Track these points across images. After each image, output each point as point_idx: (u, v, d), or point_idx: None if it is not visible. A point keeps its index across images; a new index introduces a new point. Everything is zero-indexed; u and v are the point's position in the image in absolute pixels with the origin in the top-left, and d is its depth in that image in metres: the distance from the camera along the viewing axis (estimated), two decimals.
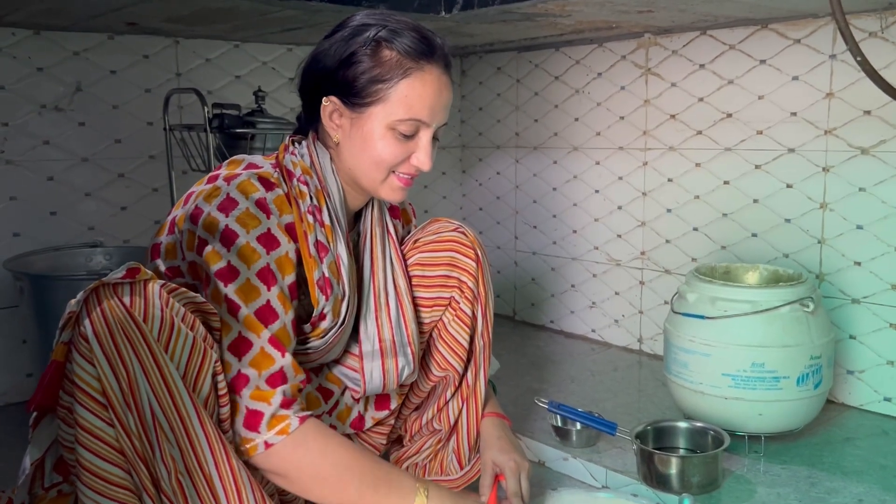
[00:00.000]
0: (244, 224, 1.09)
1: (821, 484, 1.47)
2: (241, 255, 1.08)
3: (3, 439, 1.75)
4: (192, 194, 1.15)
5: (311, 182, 1.20)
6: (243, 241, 1.08)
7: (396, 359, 1.28)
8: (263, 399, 1.08)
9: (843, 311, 1.84)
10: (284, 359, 1.10)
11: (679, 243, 2.17)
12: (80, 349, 0.93)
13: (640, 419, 1.73)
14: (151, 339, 0.94)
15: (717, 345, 1.56)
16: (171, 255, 1.14)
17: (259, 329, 1.09)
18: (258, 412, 1.08)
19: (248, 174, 1.14)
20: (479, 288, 1.36)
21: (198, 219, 1.09)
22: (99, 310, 0.93)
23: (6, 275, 1.80)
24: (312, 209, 1.18)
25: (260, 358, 1.08)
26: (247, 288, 1.08)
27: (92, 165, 2.04)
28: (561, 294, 2.54)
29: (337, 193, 1.22)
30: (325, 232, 1.19)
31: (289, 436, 1.09)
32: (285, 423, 1.09)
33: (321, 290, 1.17)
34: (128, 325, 0.93)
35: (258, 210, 1.11)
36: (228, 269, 1.08)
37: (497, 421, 1.40)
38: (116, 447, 0.94)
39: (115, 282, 0.96)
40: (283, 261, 1.12)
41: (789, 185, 1.91)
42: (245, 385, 1.07)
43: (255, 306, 1.09)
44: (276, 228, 1.12)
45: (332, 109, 1.19)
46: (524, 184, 2.61)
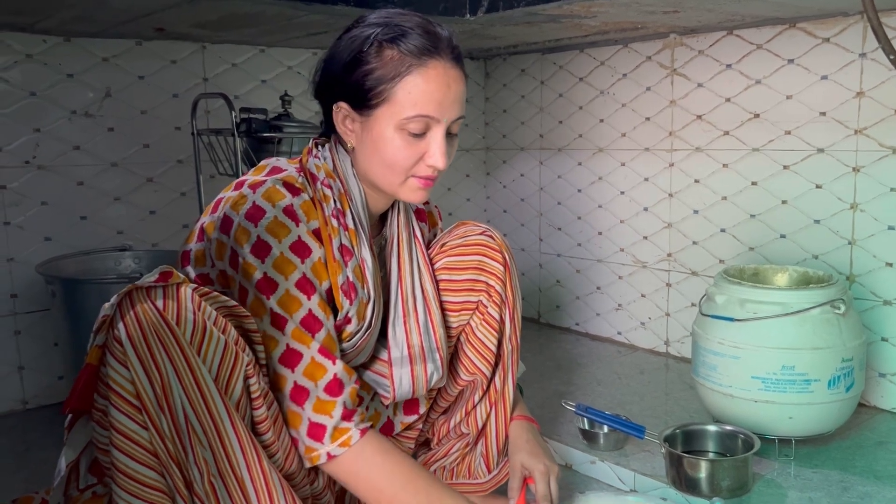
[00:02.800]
0: (275, 234, 1.09)
1: (853, 488, 1.45)
2: (276, 267, 1.09)
3: (36, 441, 1.77)
4: (220, 201, 1.15)
5: (335, 185, 1.20)
6: (277, 252, 1.09)
7: (425, 364, 1.28)
8: (325, 412, 1.10)
9: (875, 313, 1.81)
10: (336, 366, 1.12)
11: (706, 245, 2.16)
12: (114, 352, 0.94)
13: (667, 422, 1.71)
14: (184, 342, 0.95)
15: (746, 347, 1.55)
16: (201, 262, 1.15)
17: (308, 340, 1.10)
18: (321, 425, 1.10)
19: (273, 181, 1.14)
20: (507, 291, 1.35)
21: (228, 229, 1.10)
22: (132, 313, 0.94)
23: (38, 279, 1.83)
24: (336, 213, 1.18)
25: (312, 369, 1.10)
26: (287, 300, 1.09)
27: (121, 170, 2.06)
28: (586, 296, 2.53)
29: (359, 197, 1.22)
30: (349, 236, 1.19)
31: (350, 448, 1.11)
32: (347, 436, 1.12)
33: (345, 294, 1.18)
34: (161, 328, 0.94)
35: (286, 218, 1.11)
36: (266, 281, 1.09)
37: (526, 424, 1.40)
38: (150, 449, 0.95)
39: (148, 285, 0.97)
40: (317, 267, 1.14)
41: (818, 186, 1.89)
42: (306, 398, 1.10)
43: (299, 317, 1.10)
44: (306, 235, 1.13)
45: (343, 115, 1.19)
46: (549, 185, 2.60)
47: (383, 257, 1.31)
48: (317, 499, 1.24)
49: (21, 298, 1.94)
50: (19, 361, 1.95)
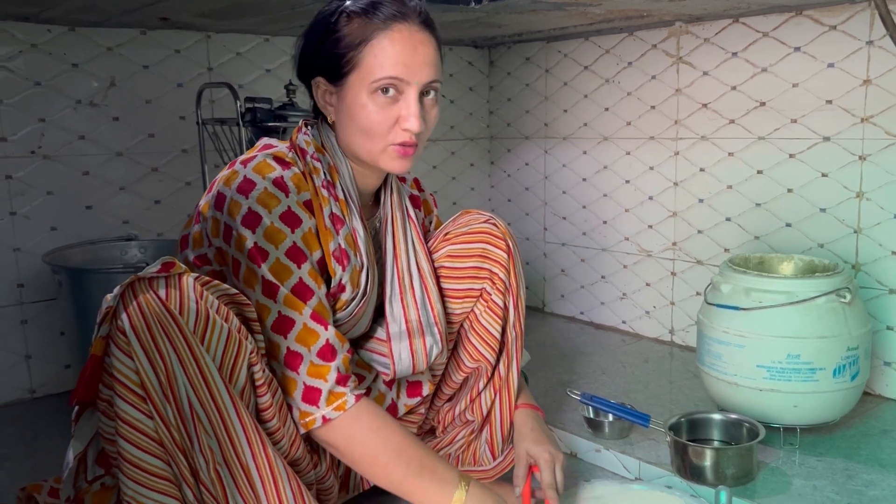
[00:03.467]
0: (265, 204, 1.11)
1: (858, 476, 1.45)
2: (267, 236, 1.10)
3: (44, 429, 1.78)
4: (215, 181, 1.18)
5: (323, 160, 1.22)
6: (267, 221, 1.10)
7: (424, 338, 1.29)
8: (320, 376, 1.11)
9: (881, 302, 1.81)
10: (328, 332, 1.13)
11: (711, 233, 2.15)
12: (119, 343, 0.95)
13: (672, 411, 1.72)
14: (188, 331, 0.95)
15: (751, 336, 1.55)
16: (199, 243, 1.17)
17: (300, 307, 1.11)
18: (316, 388, 1.11)
19: (263, 155, 1.17)
20: (511, 279, 1.35)
21: (221, 204, 1.12)
22: (135, 304, 0.95)
23: (44, 268, 1.83)
24: (326, 184, 1.20)
25: (305, 334, 1.11)
26: (278, 268, 1.11)
27: (126, 160, 2.06)
28: (591, 285, 2.53)
29: (347, 172, 1.24)
30: (339, 205, 1.21)
31: (345, 412, 1.12)
32: (342, 400, 1.13)
33: (337, 260, 1.19)
34: (164, 318, 0.94)
35: (276, 189, 1.13)
36: (257, 250, 1.10)
37: (531, 412, 1.40)
38: (156, 439, 0.96)
39: (151, 276, 0.97)
40: (308, 237, 1.15)
41: (824, 174, 1.88)
42: (301, 362, 1.11)
43: (290, 284, 1.11)
44: (297, 206, 1.14)
45: (322, 90, 1.21)
46: (553, 174, 2.59)
47: (379, 238, 1.32)
48: (321, 483, 1.25)
49: (28, 288, 1.95)
50: (26, 350, 1.96)
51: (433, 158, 2.66)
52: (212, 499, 0.98)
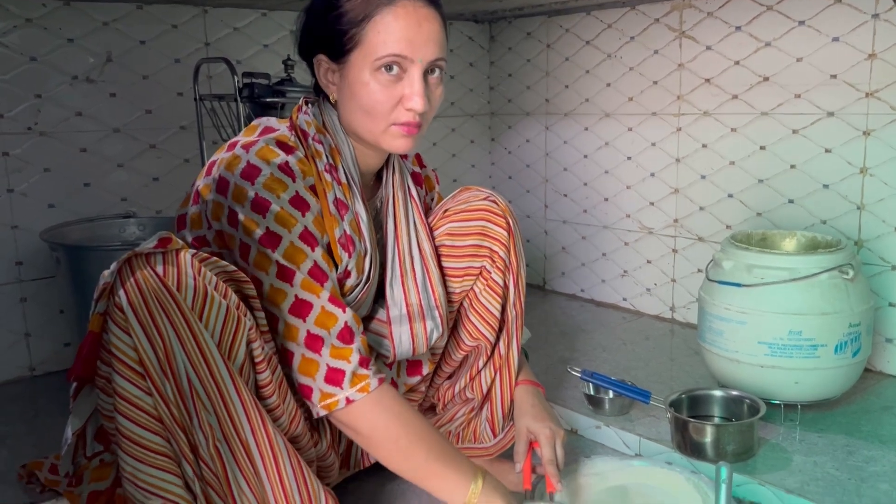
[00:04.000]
0: (272, 190, 1.09)
1: (858, 452, 1.45)
2: (279, 221, 1.09)
3: (44, 406, 1.78)
4: (213, 163, 1.15)
5: (325, 141, 1.20)
6: (277, 207, 1.09)
7: (424, 322, 1.28)
8: (343, 357, 1.10)
9: (883, 278, 1.80)
10: (346, 314, 1.12)
11: (713, 210, 2.14)
12: (116, 319, 0.94)
13: (672, 388, 1.71)
14: (186, 307, 0.94)
15: (753, 313, 1.54)
16: (197, 225, 1.15)
17: (317, 290, 1.10)
18: (340, 370, 1.10)
19: (266, 140, 1.14)
20: (511, 257, 1.34)
21: (225, 189, 1.10)
22: (133, 280, 0.94)
23: (42, 246, 1.82)
24: (329, 167, 1.18)
25: (324, 317, 1.10)
26: (293, 252, 1.09)
27: (123, 136, 2.05)
28: (592, 263, 2.52)
29: (349, 152, 1.22)
30: (342, 190, 1.19)
31: (369, 394, 1.11)
32: (365, 382, 1.11)
33: (343, 247, 1.18)
34: (162, 294, 0.94)
35: (283, 174, 1.11)
36: (269, 236, 1.08)
37: (531, 389, 1.40)
38: (155, 415, 0.95)
39: (148, 252, 0.96)
40: (317, 221, 1.14)
41: (828, 150, 1.87)
42: (322, 344, 1.10)
43: (306, 268, 1.10)
44: (304, 190, 1.13)
45: (325, 68, 1.18)
46: (554, 151, 2.58)
47: (380, 218, 1.30)
48: (321, 461, 1.25)
49: (26, 266, 1.94)
50: (26, 328, 1.96)
51: (433, 135, 2.64)
52: (211, 475, 0.98)
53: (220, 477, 0.97)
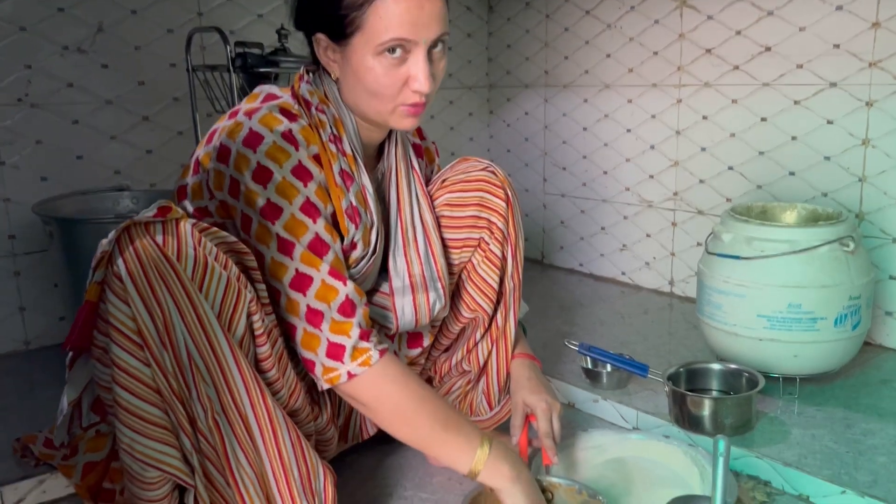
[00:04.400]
0: (275, 159, 1.07)
1: (856, 425, 1.45)
2: (279, 192, 1.07)
3: (39, 381, 1.78)
4: (214, 132, 1.13)
5: (328, 112, 1.18)
6: (279, 177, 1.07)
7: (427, 293, 1.27)
8: (343, 332, 1.09)
9: (884, 251, 1.79)
10: (347, 287, 1.10)
11: (713, 183, 2.12)
12: (114, 289, 0.92)
13: (671, 362, 1.71)
14: (185, 277, 0.93)
15: (752, 286, 1.53)
16: (198, 195, 1.13)
17: (317, 263, 1.08)
18: (340, 345, 1.09)
19: (269, 107, 1.11)
20: (509, 228, 1.33)
21: (227, 157, 1.08)
22: (131, 249, 0.92)
23: (35, 219, 1.80)
24: (333, 138, 1.16)
25: (324, 291, 1.09)
26: (293, 224, 1.07)
27: (116, 108, 2.02)
28: (591, 237, 2.50)
29: (351, 125, 1.20)
30: (347, 161, 1.17)
31: (371, 367, 1.10)
32: (367, 356, 1.10)
33: (350, 218, 1.16)
34: (161, 264, 0.92)
35: (286, 142, 1.08)
36: (270, 207, 1.07)
37: (527, 362, 1.39)
38: (153, 386, 0.94)
39: (147, 221, 0.95)
40: (320, 192, 1.11)
41: (830, 122, 1.85)
42: (322, 319, 1.09)
43: (307, 241, 1.08)
44: (307, 159, 1.10)
45: (324, 46, 1.15)
46: (553, 124, 2.55)
47: (382, 190, 1.29)
48: (320, 434, 1.24)
49: (19, 239, 1.92)
50: (20, 302, 1.94)
51: (431, 108, 2.60)
52: (209, 448, 0.97)
53: (219, 450, 0.96)
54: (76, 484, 1.18)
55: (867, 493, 1.22)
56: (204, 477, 0.97)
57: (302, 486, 1.01)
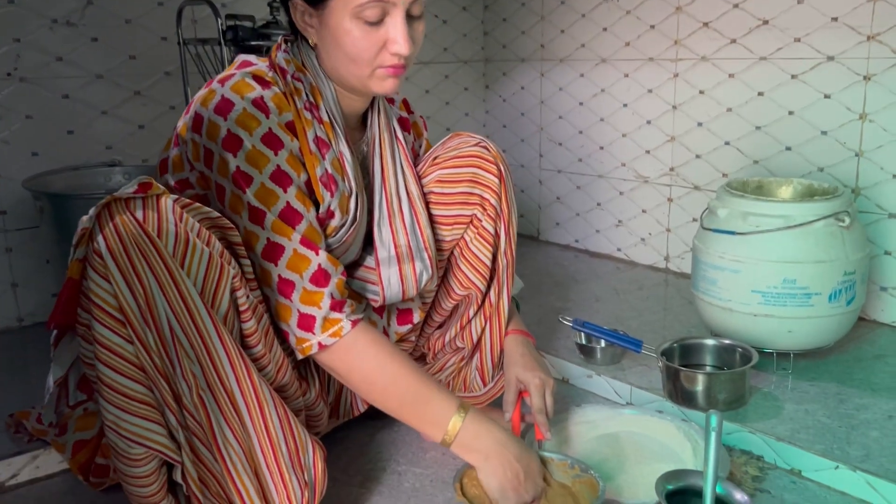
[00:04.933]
0: (245, 126, 1.06)
1: (850, 400, 1.45)
2: (249, 160, 1.06)
3: (33, 357, 1.77)
4: (192, 103, 1.12)
5: (305, 80, 1.16)
6: (248, 144, 1.06)
7: (413, 263, 1.26)
8: (313, 303, 1.09)
9: (880, 226, 1.78)
10: (319, 256, 1.10)
11: (710, 158, 2.11)
12: (95, 266, 0.92)
13: (665, 337, 1.70)
14: (167, 254, 0.92)
15: (747, 261, 1.52)
16: (179, 167, 1.12)
17: (288, 232, 1.08)
18: (310, 316, 1.09)
19: (242, 74, 1.11)
20: (502, 205, 1.32)
21: (199, 126, 1.07)
22: (111, 225, 0.91)
23: (26, 195, 1.79)
24: (309, 105, 1.15)
25: (296, 260, 1.08)
26: (264, 192, 1.07)
27: (107, 82, 2.00)
28: (586, 213, 2.49)
29: (330, 94, 1.18)
30: (324, 129, 1.16)
31: (341, 339, 1.10)
32: (338, 327, 1.10)
33: (325, 186, 1.15)
34: (141, 240, 0.91)
35: (256, 110, 1.07)
36: (240, 175, 1.06)
37: (521, 338, 1.39)
38: (136, 364, 0.94)
39: (127, 197, 0.94)
40: (292, 160, 1.10)
41: (827, 96, 1.83)
42: (293, 289, 1.08)
43: (277, 210, 1.07)
44: (278, 127, 1.09)
45: (301, 11, 1.14)
46: (549, 99, 2.53)
47: (366, 163, 1.27)
48: (310, 410, 1.24)
49: (10, 215, 1.91)
50: (12, 279, 1.94)
51: (426, 82, 2.59)
52: (196, 424, 0.96)
53: (205, 426, 0.96)
54: (69, 460, 1.19)
55: (859, 467, 1.22)
56: (191, 452, 0.97)
57: (290, 461, 1.01)
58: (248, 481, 0.98)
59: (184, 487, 0.99)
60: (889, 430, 1.34)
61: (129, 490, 1.00)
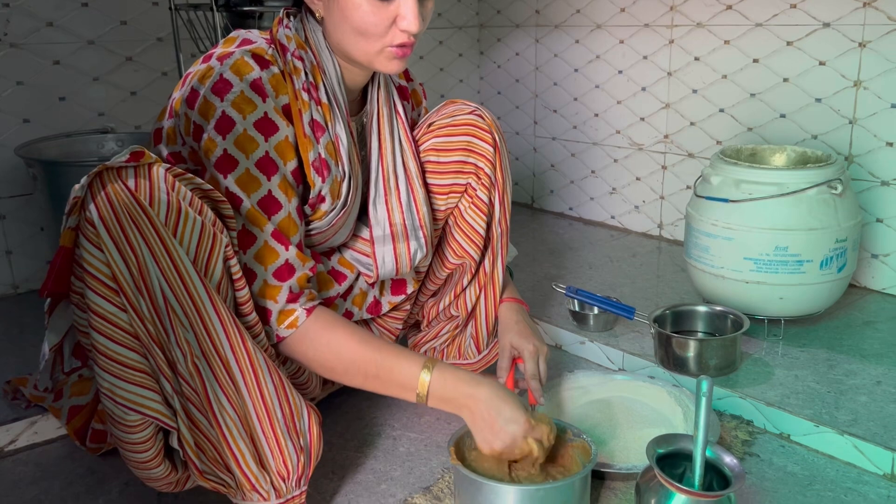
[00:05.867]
0: (240, 109, 1.05)
1: (839, 366, 1.47)
2: (238, 144, 1.05)
3: (29, 324, 1.78)
4: (188, 76, 1.10)
5: (307, 57, 1.14)
6: (240, 128, 1.04)
7: (408, 242, 1.26)
8: (270, 297, 1.09)
9: (872, 194, 1.79)
10: (288, 252, 1.09)
11: (704, 125, 2.10)
12: (88, 234, 0.92)
13: (658, 304, 1.72)
14: (158, 223, 0.92)
15: (739, 228, 1.53)
16: (172, 140, 1.11)
17: (262, 222, 1.07)
18: (267, 309, 1.09)
19: (242, 52, 1.08)
20: (497, 174, 1.32)
21: (194, 103, 1.06)
22: (103, 194, 0.91)
23: (18, 162, 1.78)
24: (308, 86, 1.12)
25: (264, 252, 1.08)
26: (246, 179, 1.06)
27: (98, 48, 1.98)
28: (581, 180, 2.49)
29: (333, 71, 1.16)
30: (321, 111, 1.14)
31: (297, 329, 1.10)
32: (293, 318, 1.10)
33: (316, 171, 1.14)
34: (133, 209, 0.91)
35: (253, 93, 1.06)
36: (225, 159, 1.05)
37: (515, 306, 1.40)
38: (130, 332, 0.94)
39: (119, 165, 0.93)
40: (282, 146, 1.09)
41: (822, 63, 1.82)
42: (253, 280, 1.08)
43: (257, 198, 1.07)
44: (274, 112, 1.08)
45: None
46: (544, 65, 2.51)
47: (364, 136, 1.27)
48: (304, 377, 1.25)
49: (3, 182, 1.90)
50: (7, 246, 1.94)
51: (420, 48, 2.57)
52: (191, 391, 0.97)
53: (200, 393, 0.97)
54: (65, 425, 1.20)
55: (847, 431, 1.25)
56: (187, 419, 0.98)
57: (286, 426, 1.02)
58: (244, 447, 0.99)
59: (180, 453, 1.00)
60: (877, 395, 1.36)
61: (126, 456, 1.01)
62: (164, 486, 1.07)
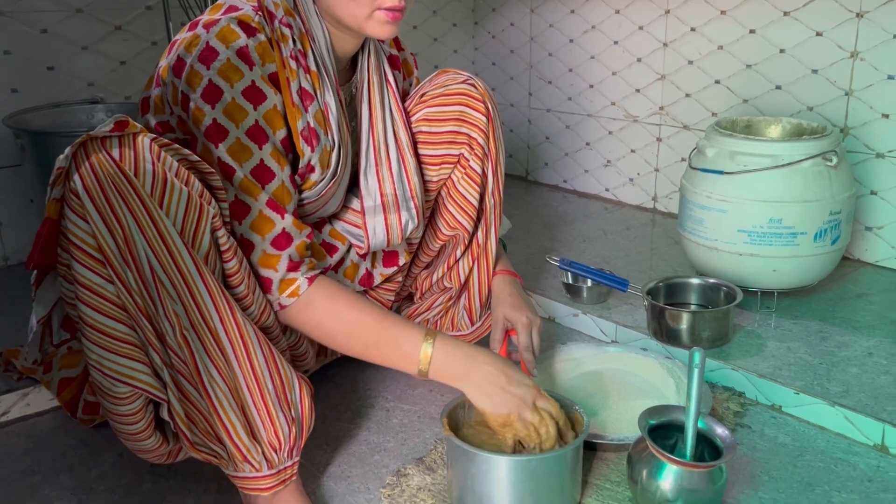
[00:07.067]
0: (227, 78, 1.03)
1: (831, 338, 1.47)
2: (227, 113, 1.03)
3: (20, 296, 1.77)
4: (174, 43, 1.08)
5: (295, 24, 1.11)
6: (228, 97, 1.03)
7: (399, 213, 1.25)
8: (270, 266, 1.08)
9: (867, 166, 1.78)
10: (284, 220, 1.09)
11: (699, 97, 2.09)
12: (72, 205, 0.90)
13: (651, 277, 1.72)
14: (144, 193, 0.91)
15: (734, 200, 1.52)
16: (160, 109, 1.10)
17: (256, 192, 1.06)
18: (268, 278, 1.09)
19: (228, 19, 1.06)
20: (490, 144, 1.30)
21: (180, 71, 1.04)
22: (87, 164, 0.90)
23: (6, 132, 1.76)
24: (296, 53, 1.10)
25: (260, 222, 1.07)
26: (237, 148, 1.04)
27: (86, 17, 1.95)
28: (575, 153, 2.48)
29: (323, 37, 1.14)
30: (310, 79, 1.12)
31: (299, 298, 1.10)
32: (295, 286, 1.10)
33: (306, 140, 1.12)
34: (118, 179, 0.90)
35: (240, 61, 1.04)
36: (216, 128, 1.03)
37: (508, 278, 1.39)
38: (118, 303, 0.93)
39: (103, 135, 0.92)
40: (271, 114, 1.07)
41: (819, 34, 1.81)
42: (252, 250, 1.08)
43: (249, 167, 1.05)
44: (261, 80, 1.06)
45: None
46: (539, 35, 2.49)
47: (354, 105, 1.25)
48: (295, 349, 1.25)
49: None
50: None
51: (413, 18, 2.54)
52: (180, 363, 0.97)
53: (190, 365, 0.96)
54: (56, 397, 1.19)
55: (838, 402, 1.25)
56: (177, 391, 0.97)
57: (277, 398, 1.02)
58: (234, 418, 0.99)
59: (171, 425, 1.00)
60: (868, 366, 1.36)
61: (117, 427, 1.01)
62: (155, 458, 1.07)
